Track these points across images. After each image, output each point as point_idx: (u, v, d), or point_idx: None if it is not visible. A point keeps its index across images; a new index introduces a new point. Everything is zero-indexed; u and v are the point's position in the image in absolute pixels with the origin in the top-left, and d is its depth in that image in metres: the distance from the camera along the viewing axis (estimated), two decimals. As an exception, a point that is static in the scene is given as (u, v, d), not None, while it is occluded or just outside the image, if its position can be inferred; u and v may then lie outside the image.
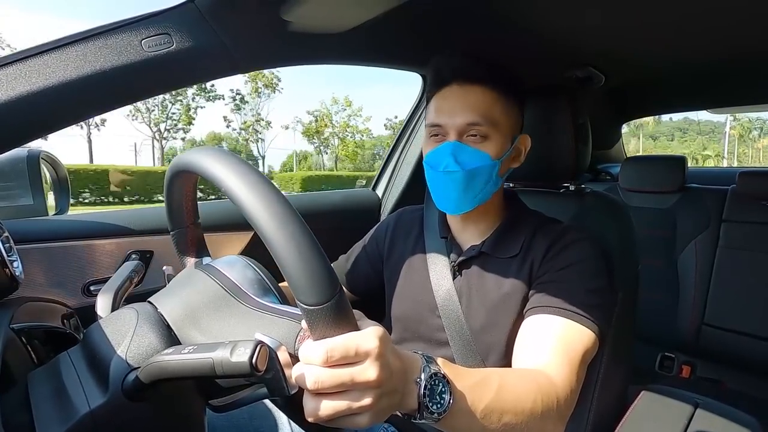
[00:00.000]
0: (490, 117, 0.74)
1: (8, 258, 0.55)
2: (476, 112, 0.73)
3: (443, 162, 0.74)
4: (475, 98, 0.74)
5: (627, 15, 0.94)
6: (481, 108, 0.74)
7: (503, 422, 0.51)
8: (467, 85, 0.75)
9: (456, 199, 0.76)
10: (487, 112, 0.74)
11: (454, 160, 0.73)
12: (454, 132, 0.74)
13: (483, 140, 0.74)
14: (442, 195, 0.78)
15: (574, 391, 0.61)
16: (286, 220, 0.37)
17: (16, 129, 0.63)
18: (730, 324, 1.62)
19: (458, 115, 0.74)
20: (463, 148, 0.74)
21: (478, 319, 0.78)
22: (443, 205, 0.80)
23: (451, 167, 0.74)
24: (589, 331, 0.67)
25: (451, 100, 0.75)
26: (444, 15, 0.93)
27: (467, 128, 0.74)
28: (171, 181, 0.53)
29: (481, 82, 0.75)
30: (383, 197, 1.46)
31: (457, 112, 0.74)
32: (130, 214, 0.99)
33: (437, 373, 0.45)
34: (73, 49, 0.64)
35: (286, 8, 0.75)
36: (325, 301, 0.37)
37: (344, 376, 0.38)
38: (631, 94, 1.89)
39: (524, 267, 0.77)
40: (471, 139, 0.74)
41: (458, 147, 0.74)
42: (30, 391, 0.45)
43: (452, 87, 0.76)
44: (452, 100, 0.75)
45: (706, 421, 0.91)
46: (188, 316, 0.48)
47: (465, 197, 0.76)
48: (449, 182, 0.75)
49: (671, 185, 1.77)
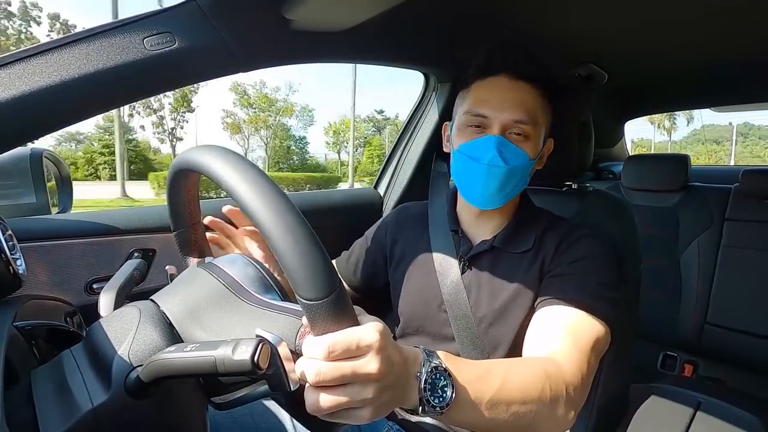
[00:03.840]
0: (534, 116, 0.74)
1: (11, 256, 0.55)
2: (523, 110, 0.73)
3: (488, 155, 0.73)
4: (524, 95, 0.74)
5: (630, 13, 0.93)
6: (528, 106, 0.73)
7: (511, 412, 0.51)
8: (517, 79, 0.74)
9: (492, 194, 0.76)
10: (532, 111, 0.73)
11: (499, 155, 0.72)
12: (498, 126, 0.73)
13: (525, 139, 0.74)
14: (477, 187, 0.76)
15: (585, 379, 0.61)
16: (286, 216, 0.37)
17: (18, 127, 0.63)
18: (732, 323, 1.62)
19: (506, 109, 0.73)
20: (508, 144, 0.73)
21: (487, 314, 0.78)
22: (474, 198, 0.78)
23: (496, 161, 0.72)
24: (600, 322, 0.67)
25: (499, 92, 0.74)
26: (446, 13, 0.93)
27: (512, 125, 0.73)
28: (173, 180, 0.53)
29: (529, 79, 0.74)
30: (385, 196, 1.45)
31: (504, 106, 0.73)
32: (132, 212, 1.00)
33: (438, 367, 0.46)
34: (76, 48, 0.64)
35: (288, 6, 0.75)
36: (325, 295, 0.37)
37: (345, 370, 0.38)
38: (633, 93, 1.88)
39: (536, 262, 0.77)
40: (514, 137, 0.74)
41: (503, 142, 0.73)
42: (33, 389, 0.45)
43: (501, 79, 0.75)
44: (501, 92, 0.74)
45: (708, 420, 0.91)
46: (190, 314, 0.48)
47: (500, 193, 0.76)
48: (490, 176, 0.74)
49: (674, 184, 1.76)
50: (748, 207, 1.64)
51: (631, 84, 1.73)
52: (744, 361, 1.62)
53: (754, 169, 1.66)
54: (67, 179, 1.10)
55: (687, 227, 1.73)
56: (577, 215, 0.92)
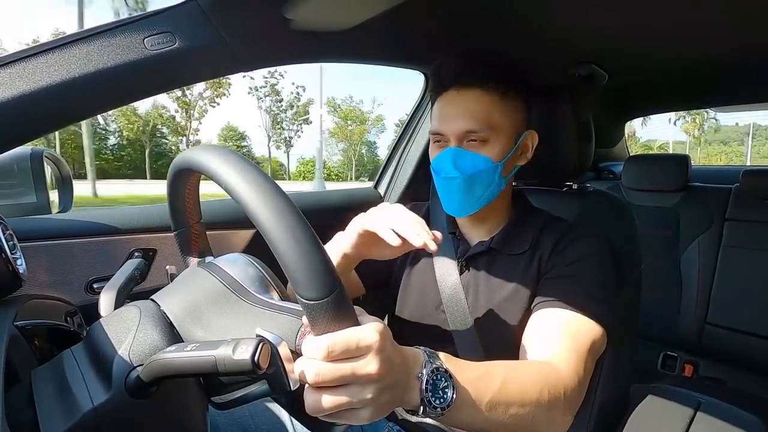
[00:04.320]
0: (488, 122, 0.74)
1: (12, 255, 0.55)
2: (473, 119, 0.73)
3: (445, 168, 0.76)
4: (473, 104, 0.74)
5: (631, 13, 0.93)
6: (479, 114, 0.74)
7: (509, 414, 0.51)
8: (464, 90, 0.75)
9: (459, 203, 0.77)
10: (484, 118, 0.74)
11: (453, 166, 0.74)
12: (453, 138, 0.75)
13: (483, 144, 0.74)
14: (446, 199, 0.79)
15: (582, 382, 0.61)
16: (286, 216, 0.37)
17: (19, 127, 0.63)
18: (733, 323, 1.62)
19: (456, 122, 0.74)
20: (463, 153, 0.74)
21: (484, 315, 0.78)
22: (448, 208, 0.81)
23: (451, 173, 0.75)
24: (596, 324, 0.68)
25: (449, 106, 0.76)
26: (446, 13, 0.93)
27: (466, 135, 0.74)
28: (173, 180, 0.53)
29: (478, 85, 0.74)
30: (385, 195, 1.45)
31: (454, 119, 0.74)
32: (133, 212, 1.00)
33: (439, 368, 0.46)
34: (76, 48, 0.64)
35: (288, 6, 0.75)
36: (326, 295, 0.37)
37: (345, 370, 0.38)
38: (634, 93, 1.88)
39: (532, 263, 0.78)
40: (471, 144, 0.75)
41: (458, 153, 0.74)
42: (33, 389, 0.45)
43: (450, 93, 0.76)
44: (451, 106, 0.76)
45: (709, 420, 0.91)
46: (190, 313, 0.48)
47: (468, 201, 0.77)
48: (451, 187, 0.76)
49: (674, 184, 1.76)
50: (748, 207, 1.64)
51: (631, 84, 1.73)
52: (744, 361, 1.62)
53: (754, 169, 1.66)
54: (68, 178, 1.09)
55: (687, 227, 1.73)
56: (577, 215, 0.92)
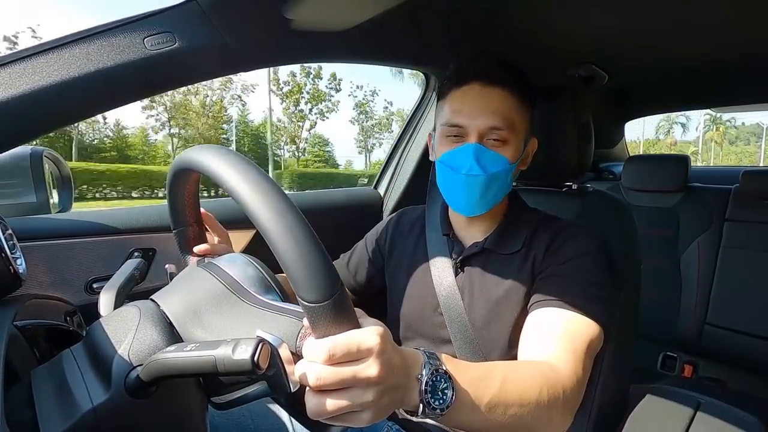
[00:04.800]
0: (510, 121, 0.73)
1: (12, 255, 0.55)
2: (498, 116, 0.73)
3: (466, 164, 0.73)
4: (497, 101, 0.73)
5: (630, 14, 0.93)
6: (503, 111, 0.73)
7: (509, 415, 0.51)
8: (490, 86, 0.74)
9: (475, 202, 0.76)
10: (507, 116, 0.73)
11: (477, 163, 0.72)
12: (475, 134, 0.73)
13: (503, 144, 0.74)
14: (459, 197, 0.77)
15: (581, 382, 0.61)
16: (287, 217, 0.37)
17: (19, 127, 0.63)
18: (732, 324, 1.62)
19: (480, 117, 0.73)
20: (485, 151, 0.73)
21: (481, 315, 0.78)
22: (458, 207, 0.79)
23: (474, 170, 0.73)
24: (593, 323, 0.67)
25: (472, 100, 0.74)
26: (446, 13, 0.93)
27: (489, 132, 0.73)
28: (173, 179, 0.53)
29: (502, 84, 0.74)
30: (385, 196, 1.46)
31: (479, 114, 0.73)
32: (132, 211, 1.00)
33: (439, 369, 0.46)
34: (76, 48, 0.64)
35: (288, 6, 0.75)
36: (327, 298, 0.37)
37: (346, 373, 0.38)
38: (634, 93, 1.88)
39: (527, 263, 0.78)
40: (492, 143, 0.74)
41: (480, 150, 0.73)
42: (33, 388, 0.45)
43: (473, 86, 0.75)
44: (473, 101, 0.74)
45: (708, 421, 0.91)
46: (190, 314, 0.48)
47: (483, 200, 0.76)
48: (471, 185, 0.74)
49: (674, 184, 1.76)
50: (748, 208, 1.64)
51: (630, 84, 1.73)
52: (744, 361, 1.62)
53: (754, 169, 1.66)
54: (68, 178, 1.09)
55: (687, 228, 1.73)
56: (577, 216, 0.92)
